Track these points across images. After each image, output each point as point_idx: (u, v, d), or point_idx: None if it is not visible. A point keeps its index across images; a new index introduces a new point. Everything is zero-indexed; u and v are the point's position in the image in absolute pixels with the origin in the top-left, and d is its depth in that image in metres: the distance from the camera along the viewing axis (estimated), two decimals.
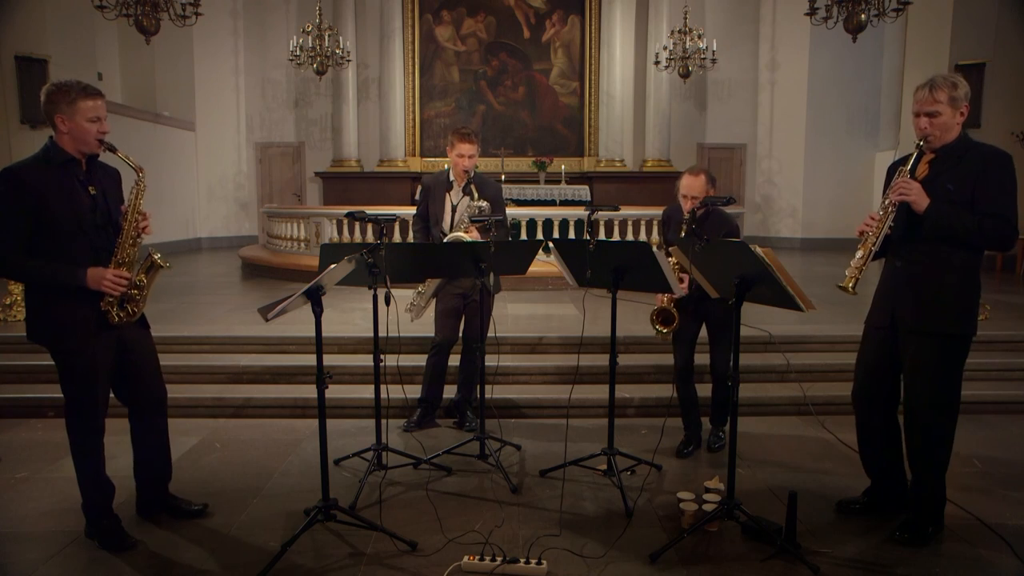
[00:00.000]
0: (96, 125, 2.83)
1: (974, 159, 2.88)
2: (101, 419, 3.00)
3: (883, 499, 3.33)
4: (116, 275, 2.84)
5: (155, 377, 3.20)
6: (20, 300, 6.04)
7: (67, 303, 2.85)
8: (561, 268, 3.79)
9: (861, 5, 8.16)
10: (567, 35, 13.91)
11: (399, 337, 3.69)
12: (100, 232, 2.90)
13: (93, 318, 2.87)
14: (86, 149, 2.87)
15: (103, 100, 2.90)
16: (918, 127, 2.92)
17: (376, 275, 3.41)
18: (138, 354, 3.09)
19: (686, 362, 4.09)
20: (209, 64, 13.16)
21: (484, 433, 3.98)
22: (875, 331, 3.19)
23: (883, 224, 2.92)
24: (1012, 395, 4.96)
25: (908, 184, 2.87)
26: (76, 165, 2.88)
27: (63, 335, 2.90)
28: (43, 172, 2.81)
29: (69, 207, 2.81)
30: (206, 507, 3.27)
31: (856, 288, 2.89)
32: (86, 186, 2.89)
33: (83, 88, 2.83)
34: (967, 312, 2.97)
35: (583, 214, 7.81)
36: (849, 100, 12.80)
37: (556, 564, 2.88)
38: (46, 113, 2.83)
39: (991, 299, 6.61)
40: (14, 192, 2.75)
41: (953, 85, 2.87)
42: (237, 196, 13.82)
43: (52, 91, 2.82)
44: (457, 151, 4.23)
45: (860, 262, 2.89)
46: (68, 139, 2.84)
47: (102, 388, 2.98)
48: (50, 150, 2.85)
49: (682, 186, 3.86)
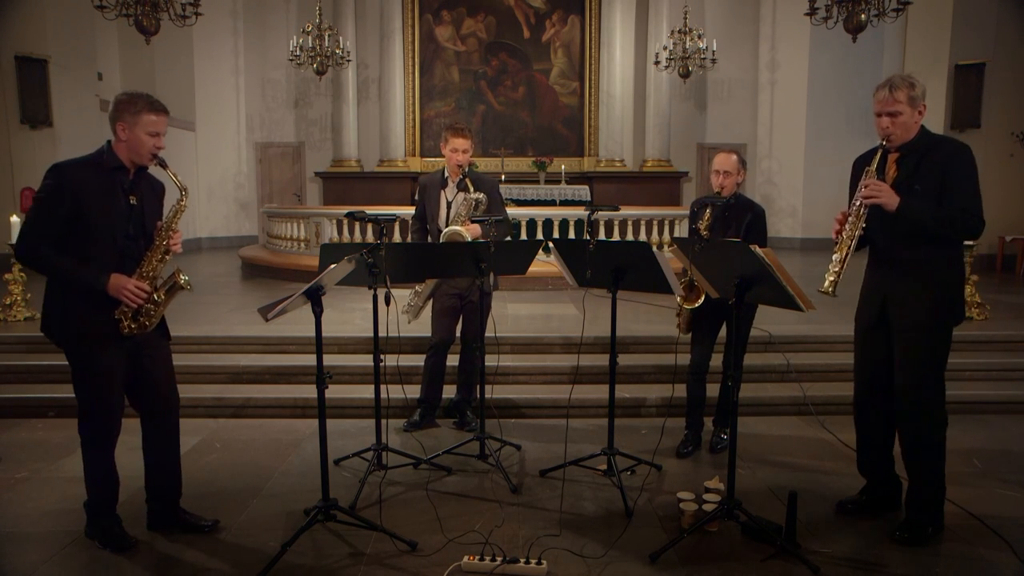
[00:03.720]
0: (154, 140, 2.90)
1: (938, 154, 2.98)
2: (114, 424, 3.00)
3: (880, 497, 3.34)
4: (137, 286, 2.85)
5: (169, 386, 3.18)
6: (20, 300, 6.04)
7: (84, 305, 2.86)
8: (561, 268, 3.79)
9: (861, 5, 8.15)
10: (567, 35, 13.90)
11: (399, 337, 3.69)
12: (131, 242, 2.93)
13: (106, 324, 2.88)
14: (138, 160, 2.93)
15: (167, 117, 2.96)
16: (880, 127, 3.01)
17: (376, 275, 3.41)
18: (153, 361, 3.09)
19: (703, 360, 4.08)
20: (209, 64, 13.15)
21: (484, 433, 3.98)
22: (866, 331, 3.23)
23: (856, 227, 2.98)
24: (1012, 395, 4.96)
25: (877, 186, 2.94)
26: (124, 173, 2.93)
27: (76, 336, 2.91)
28: (90, 173, 2.87)
29: (105, 212, 2.85)
30: (218, 523, 3.21)
31: (836, 291, 2.94)
32: (128, 195, 2.93)
33: (151, 103, 2.89)
34: (953, 303, 3.06)
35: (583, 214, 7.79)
36: (849, 100, 12.79)
37: (556, 564, 2.88)
38: (110, 118, 2.90)
39: (991, 299, 6.61)
40: (57, 186, 2.81)
41: (911, 85, 2.97)
42: (237, 196, 13.81)
43: (121, 99, 2.90)
44: (451, 146, 4.23)
45: (838, 266, 2.97)
46: (124, 147, 2.90)
47: (116, 393, 2.98)
48: (104, 154, 2.91)
49: (715, 162, 3.94)
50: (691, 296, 3.76)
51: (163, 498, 3.18)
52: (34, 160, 9.72)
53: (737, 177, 3.90)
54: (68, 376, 3.00)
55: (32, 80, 9.55)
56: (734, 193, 3.92)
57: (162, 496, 3.18)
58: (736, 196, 3.94)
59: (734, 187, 3.91)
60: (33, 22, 9.63)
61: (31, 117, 9.63)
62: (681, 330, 3.99)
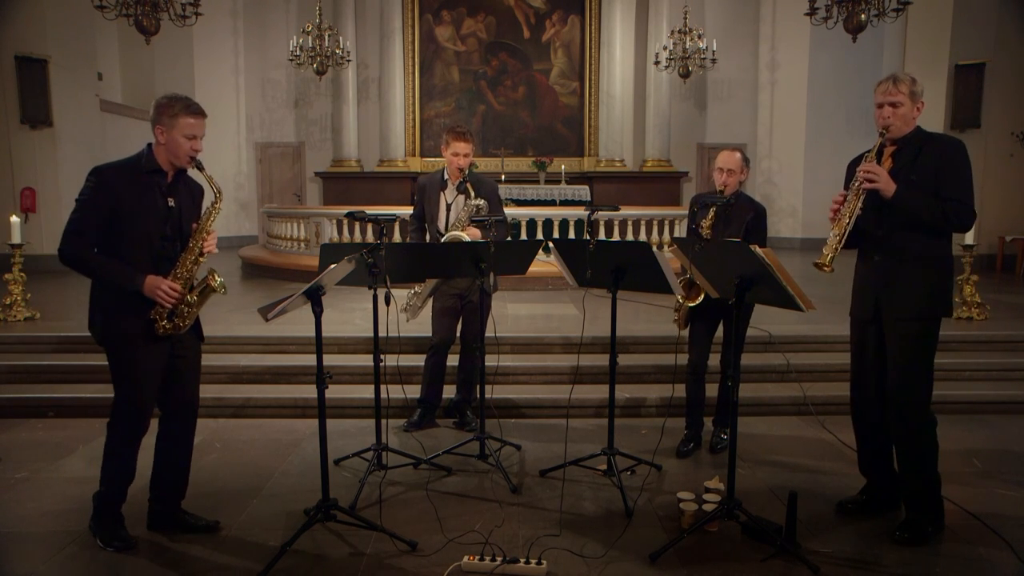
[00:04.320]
0: (191, 143, 2.93)
1: (933, 149, 3.04)
2: (145, 424, 3.03)
3: (880, 497, 3.34)
4: (171, 287, 2.89)
5: (194, 387, 3.20)
6: (20, 300, 6.04)
7: (122, 306, 2.90)
8: (561, 268, 3.79)
9: (861, 5, 8.15)
10: (567, 35, 13.91)
11: (399, 337, 3.69)
12: (167, 243, 2.97)
13: (143, 324, 2.91)
14: (176, 163, 2.96)
15: (204, 120, 2.98)
16: (881, 116, 3.07)
17: (376, 275, 3.41)
18: (185, 362, 3.11)
19: (701, 360, 4.09)
20: (209, 64, 13.15)
21: (484, 433, 3.98)
22: (860, 326, 3.26)
23: (854, 205, 3.04)
24: (1012, 395, 4.95)
25: (876, 170, 3.00)
26: (162, 176, 2.97)
27: (116, 337, 2.95)
28: (129, 175, 2.91)
29: (143, 214, 2.90)
30: (218, 523, 3.20)
31: (832, 263, 2.98)
32: (166, 197, 2.97)
33: (188, 105, 2.93)
34: (943, 295, 3.10)
35: (583, 214, 7.80)
36: (849, 100, 12.79)
37: (556, 564, 2.88)
38: (150, 121, 2.94)
39: (991, 299, 6.61)
40: (97, 188, 2.85)
41: (913, 81, 3.07)
42: (237, 196, 13.80)
43: (161, 103, 2.93)
44: (452, 149, 4.22)
45: (836, 240, 3.03)
46: (163, 150, 2.94)
47: (150, 393, 3.02)
48: (144, 156, 2.95)
49: (719, 160, 3.95)
50: (691, 294, 3.76)
51: (166, 498, 3.19)
52: (34, 160, 9.73)
53: (740, 175, 3.90)
54: (68, 376, 3.00)
55: (32, 80, 9.55)
56: (736, 192, 3.92)
57: (166, 496, 3.19)
58: (737, 195, 3.94)
59: (737, 185, 3.91)
60: (33, 22, 9.64)
61: (31, 117, 9.64)
62: (679, 326, 3.99)
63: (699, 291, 3.71)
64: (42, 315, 6.09)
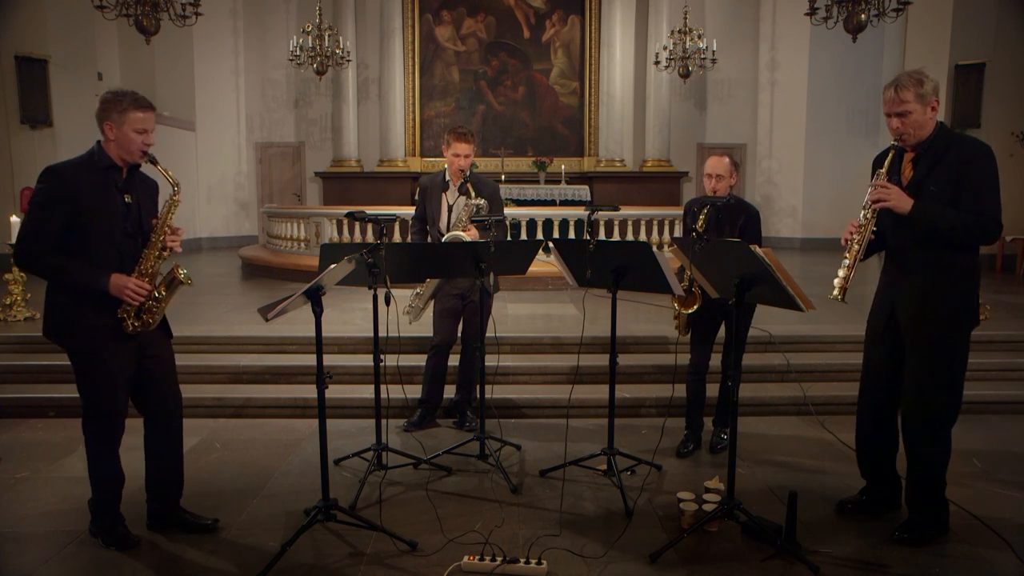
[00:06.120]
0: (142, 136, 2.88)
1: (956, 154, 2.88)
2: (119, 424, 3.00)
3: (880, 497, 3.34)
4: (137, 284, 2.86)
5: (171, 385, 3.18)
6: (20, 300, 6.04)
7: (85, 306, 2.86)
8: (561, 268, 3.79)
9: (861, 5, 8.15)
10: (567, 35, 13.90)
11: (399, 337, 3.69)
12: (129, 240, 2.93)
13: (109, 324, 2.88)
14: (129, 158, 2.92)
15: (153, 113, 2.94)
16: (891, 128, 2.93)
17: (376, 275, 3.41)
18: (156, 360, 3.08)
19: (702, 361, 4.08)
20: (209, 64, 13.14)
21: (484, 433, 3.98)
22: (875, 335, 3.20)
23: (866, 231, 2.91)
24: (1012, 395, 4.96)
25: (886, 189, 2.86)
26: (116, 172, 2.92)
27: (78, 337, 2.91)
28: (84, 174, 2.86)
29: (102, 211, 2.85)
30: (217, 522, 3.20)
31: (846, 298, 2.89)
32: (122, 193, 2.93)
33: (136, 100, 2.88)
34: (967, 311, 2.97)
35: (583, 214, 7.80)
36: (849, 100, 12.79)
37: (556, 564, 2.88)
38: (97, 118, 2.89)
39: (991, 299, 6.61)
40: (52, 190, 2.81)
41: (919, 82, 2.87)
42: (237, 196, 13.80)
43: (107, 98, 2.88)
44: (453, 150, 4.22)
45: (847, 271, 2.90)
46: (113, 146, 2.89)
47: (120, 394, 2.98)
48: (95, 154, 2.91)
49: (707, 166, 3.93)
50: (687, 302, 3.76)
51: (164, 498, 3.18)
52: (34, 160, 9.72)
53: (730, 180, 3.89)
54: (68, 376, 3.00)
55: (32, 80, 9.56)
56: (729, 195, 3.92)
57: (163, 496, 3.18)
58: (731, 197, 3.94)
59: (727, 190, 3.90)
60: (33, 22, 9.64)
61: (31, 117, 9.64)
62: (681, 332, 3.99)
63: (694, 299, 3.72)
64: (42, 315, 6.08)
